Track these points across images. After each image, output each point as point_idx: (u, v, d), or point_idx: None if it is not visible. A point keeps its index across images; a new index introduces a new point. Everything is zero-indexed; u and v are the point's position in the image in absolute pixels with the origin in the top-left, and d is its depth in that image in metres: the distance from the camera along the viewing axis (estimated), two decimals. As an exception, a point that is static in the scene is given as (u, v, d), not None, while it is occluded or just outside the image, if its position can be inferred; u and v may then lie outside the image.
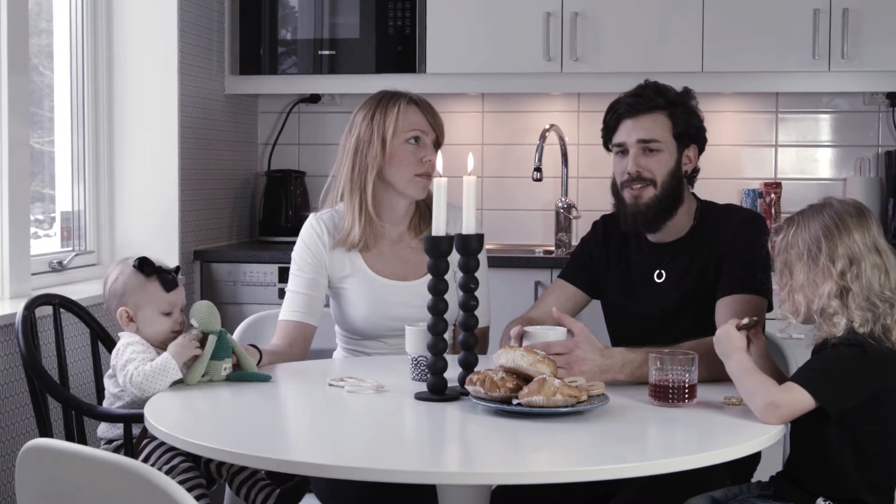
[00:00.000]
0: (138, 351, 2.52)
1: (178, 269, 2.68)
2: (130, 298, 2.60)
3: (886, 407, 2.20)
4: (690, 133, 2.77)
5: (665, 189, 2.72)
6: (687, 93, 2.80)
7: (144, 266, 2.62)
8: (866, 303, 2.18)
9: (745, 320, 2.31)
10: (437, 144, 2.94)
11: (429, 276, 2.84)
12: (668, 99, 2.74)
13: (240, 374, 2.53)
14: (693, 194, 2.83)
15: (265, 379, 2.54)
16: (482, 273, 2.47)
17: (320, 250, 2.92)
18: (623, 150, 2.75)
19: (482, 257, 2.65)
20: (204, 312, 2.55)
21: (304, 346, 2.89)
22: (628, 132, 2.74)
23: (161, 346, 2.56)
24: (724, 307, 2.62)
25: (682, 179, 2.76)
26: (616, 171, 2.79)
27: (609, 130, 2.79)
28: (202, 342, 2.51)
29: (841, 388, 2.16)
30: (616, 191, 2.79)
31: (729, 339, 2.28)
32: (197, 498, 2.48)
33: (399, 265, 2.93)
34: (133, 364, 2.48)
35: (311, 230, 2.94)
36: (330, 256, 2.91)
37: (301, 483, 2.55)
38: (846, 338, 2.17)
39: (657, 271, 2.78)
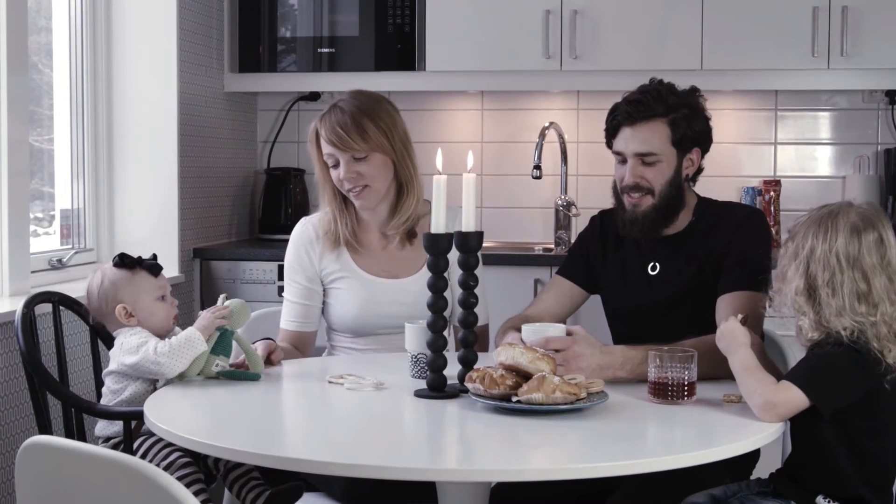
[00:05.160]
0: (146, 336, 2.55)
1: (155, 256, 2.71)
2: (125, 294, 2.62)
3: (880, 405, 2.20)
4: (691, 137, 2.73)
5: (663, 198, 2.72)
6: (692, 93, 2.76)
7: (125, 260, 2.65)
8: (846, 316, 2.16)
9: (739, 316, 2.31)
10: (360, 156, 2.86)
11: (419, 274, 2.87)
12: (668, 105, 2.70)
13: (230, 373, 2.53)
14: (693, 191, 2.83)
15: (255, 378, 2.54)
16: (478, 271, 2.47)
17: (310, 256, 2.95)
18: (622, 158, 2.75)
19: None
20: (237, 309, 2.59)
21: (307, 348, 2.98)
22: (626, 142, 2.72)
23: (164, 334, 2.58)
24: (725, 304, 2.62)
25: (681, 186, 2.75)
26: (616, 176, 2.79)
27: (610, 134, 2.79)
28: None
29: (834, 388, 2.16)
30: (617, 194, 2.80)
31: (733, 334, 2.27)
32: (195, 493, 2.48)
33: (388, 263, 2.95)
34: (153, 342, 2.51)
35: (301, 237, 2.98)
36: (320, 261, 2.95)
37: (294, 488, 2.55)
38: (839, 338, 2.17)
39: (651, 264, 2.78)
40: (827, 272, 2.19)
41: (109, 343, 2.93)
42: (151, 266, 2.66)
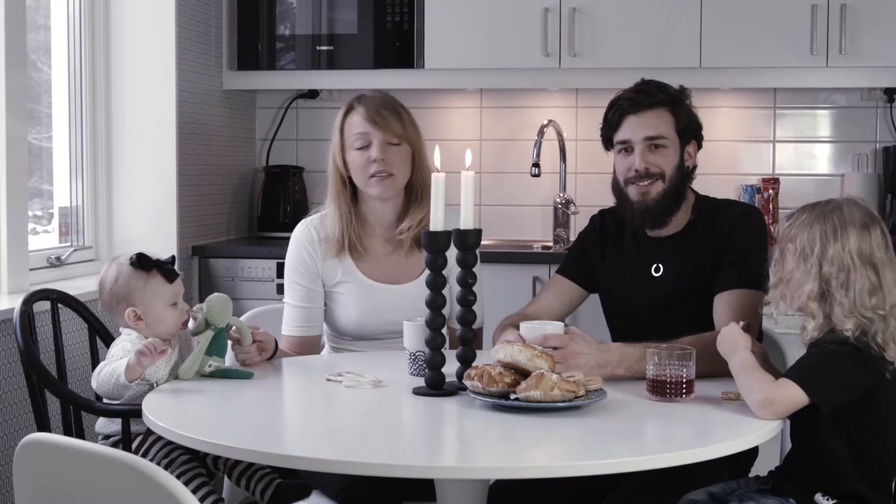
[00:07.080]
0: (126, 350, 2.50)
1: (173, 258, 2.67)
2: (137, 298, 2.55)
3: (879, 404, 2.20)
4: (691, 129, 2.78)
5: (672, 183, 2.73)
6: (683, 91, 2.80)
7: (143, 261, 2.58)
8: (855, 315, 2.17)
9: (741, 323, 2.31)
10: (394, 142, 2.88)
11: (419, 279, 2.85)
12: (670, 95, 2.75)
13: (222, 372, 2.53)
14: (691, 189, 2.83)
15: (247, 376, 2.53)
16: (476, 272, 2.48)
17: (313, 258, 2.93)
18: (627, 148, 2.75)
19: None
20: (216, 306, 2.54)
21: (313, 353, 2.94)
22: (633, 129, 2.73)
23: (171, 339, 2.57)
24: (723, 302, 2.62)
25: (685, 175, 2.77)
26: (619, 169, 2.77)
27: (611, 128, 2.77)
28: (199, 333, 2.54)
29: (833, 386, 2.16)
30: (619, 189, 2.78)
31: (733, 337, 2.28)
32: (199, 487, 2.48)
33: (390, 268, 2.94)
34: (112, 365, 2.46)
35: (302, 238, 2.96)
36: (323, 264, 2.93)
37: (303, 485, 2.55)
38: (839, 336, 2.17)
39: (654, 265, 2.78)
40: (843, 273, 2.18)
41: (108, 341, 2.94)
42: (168, 271, 2.59)
